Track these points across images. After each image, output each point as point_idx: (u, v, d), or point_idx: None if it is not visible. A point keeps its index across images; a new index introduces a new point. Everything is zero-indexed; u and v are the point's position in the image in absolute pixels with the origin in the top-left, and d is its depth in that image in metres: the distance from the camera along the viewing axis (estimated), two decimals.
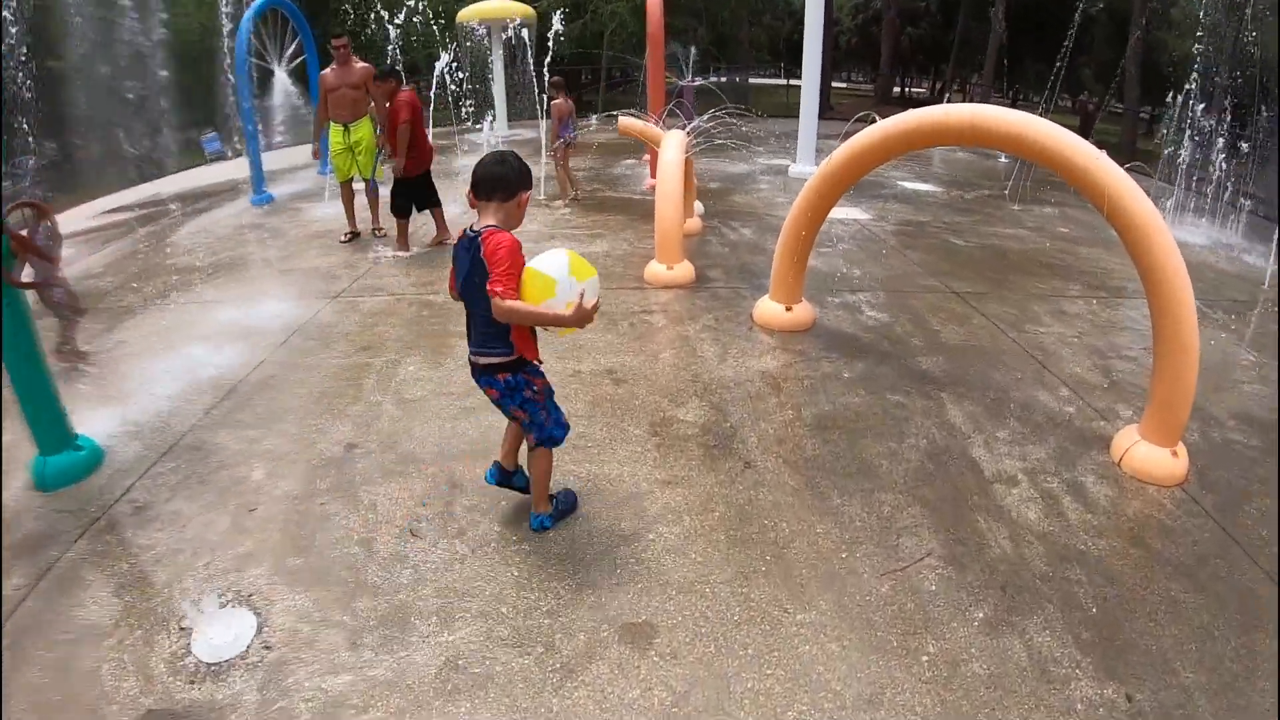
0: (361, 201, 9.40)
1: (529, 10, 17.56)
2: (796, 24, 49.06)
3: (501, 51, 17.78)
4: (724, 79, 31.99)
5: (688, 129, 8.20)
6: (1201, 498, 4.15)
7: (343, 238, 9.26)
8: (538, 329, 3.37)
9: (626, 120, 9.29)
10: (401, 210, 8.69)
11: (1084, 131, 22.42)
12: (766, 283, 6.35)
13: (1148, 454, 4.30)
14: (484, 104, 15.77)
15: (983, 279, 7.79)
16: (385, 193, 9.15)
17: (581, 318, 3.12)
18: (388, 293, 7.21)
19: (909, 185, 12.99)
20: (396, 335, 6.09)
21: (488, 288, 3.03)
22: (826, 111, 28.28)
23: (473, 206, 3.25)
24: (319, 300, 7.02)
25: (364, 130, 9.00)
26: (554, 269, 3.11)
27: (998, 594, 3.37)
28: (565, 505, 3.84)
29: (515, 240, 3.12)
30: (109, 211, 12.34)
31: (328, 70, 8.93)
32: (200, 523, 3.80)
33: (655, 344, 5.89)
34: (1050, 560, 3.59)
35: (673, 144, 7.22)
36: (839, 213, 9.68)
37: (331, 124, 8.99)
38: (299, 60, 14.19)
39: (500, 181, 3.18)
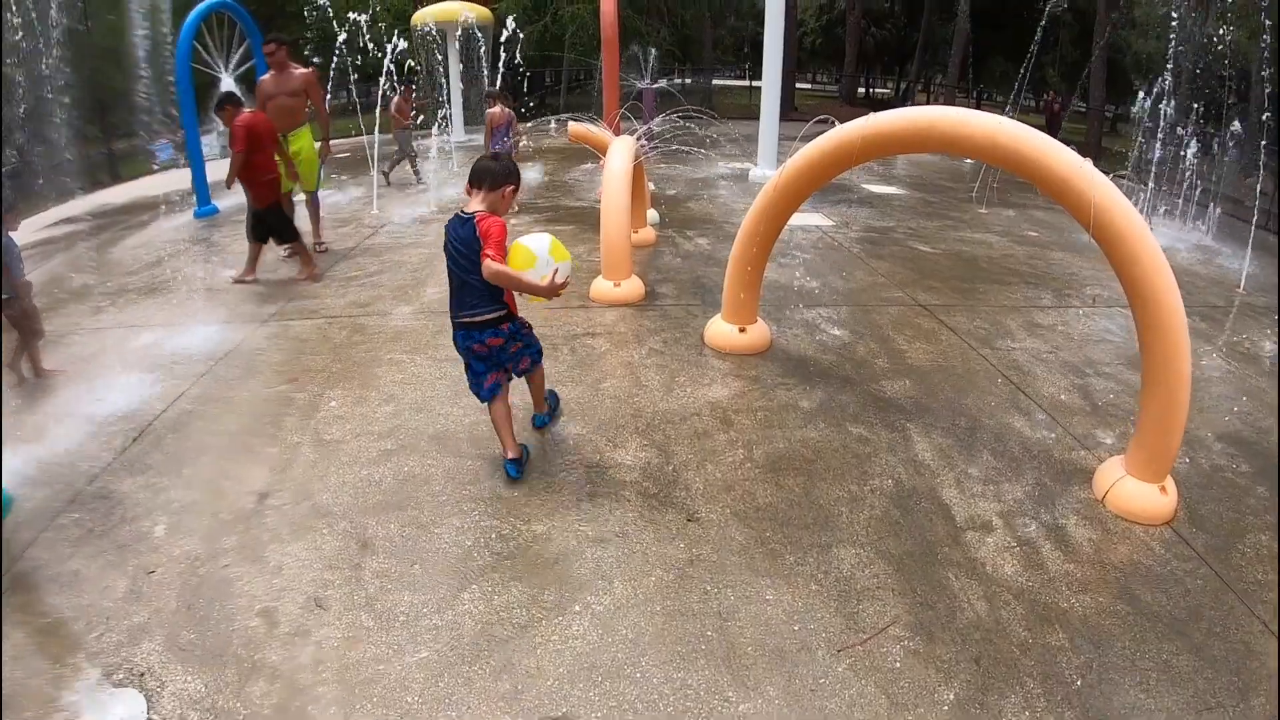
0: (303, 214, 8.86)
1: (485, 12, 17.07)
2: (761, 25, 48.94)
3: (457, 54, 17.27)
4: (687, 81, 31.69)
5: (639, 134, 7.74)
6: (1192, 538, 3.78)
7: (283, 253, 8.73)
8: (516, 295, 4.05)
9: (576, 126, 8.82)
10: (259, 236, 7.78)
11: (1051, 130, 22.19)
12: (721, 299, 5.89)
13: (1134, 492, 3.91)
14: (438, 108, 15.20)
15: (951, 290, 7.39)
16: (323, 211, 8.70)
17: (550, 290, 3.81)
18: (322, 315, 6.69)
19: (873, 188, 12.64)
20: (323, 365, 5.59)
21: (481, 254, 3.71)
22: (789, 113, 28.05)
23: (468, 194, 3.96)
24: (248, 324, 6.50)
25: (303, 140, 8.48)
26: (537, 247, 3.86)
27: (970, 668, 2.94)
28: (553, 401, 4.79)
29: (504, 222, 3.83)
30: (57, 223, 11.70)
31: (265, 77, 8.40)
32: (97, 587, 3.36)
33: (596, 372, 5.40)
34: (1029, 623, 3.18)
35: (619, 151, 6.75)
36: (799, 220, 9.29)
37: None
38: (249, 65, 13.59)
39: (487, 174, 3.92)
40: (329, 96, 11.74)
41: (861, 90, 45.27)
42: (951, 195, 12.45)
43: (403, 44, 11.54)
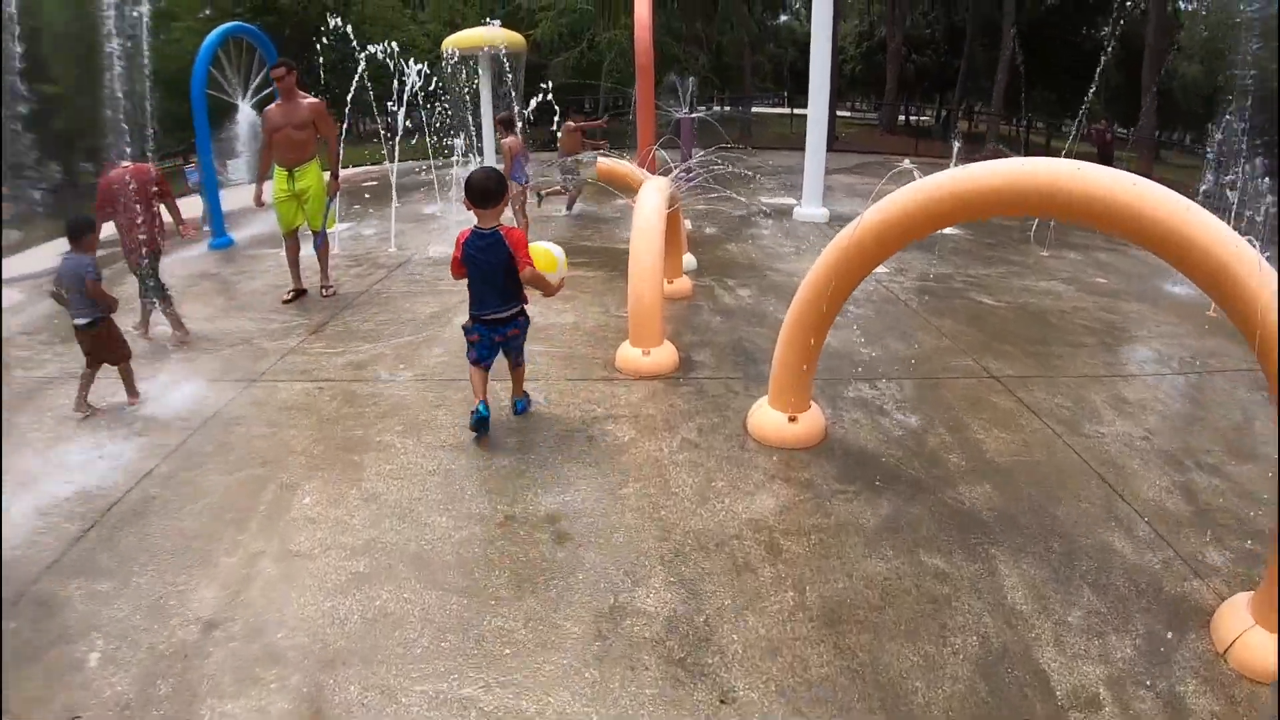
0: (309, 253, 8.13)
1: (517, 37, 16.37)
2: (800, 52, 48.16)
3: (489, 81, 16.57)
4: (725, 109, 30.81)
5: (674, 174, 6.90)
6: None
7: (285, 297, 8.00)
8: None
9: (605, 162, 8.00)
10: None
11: (1104, 162, 20.96)
12: (767, 370, 5.02)
13: (1264, 647, 2.97)
14: (467, 138, 14.48)
15: (1024, 354, 6.45)
16: (337, 247, 7.97)
17: (557, 289, 5.04)
18: (314, 377, 5.93)
19: None
20: (304, 446, 4.81)
21: (520, 263, 4.59)
22: (832, 143, 27.18)
23: (469, 209, 4.64)
24: (234, 386, 5.78)
25: (311, 176, 7.75)
26: (558, 254, 5.11)
27: None
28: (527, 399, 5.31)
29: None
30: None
31: (271, 106, 7.71)
32: None
33: (618, 472, 4.51)
34: None
35: (652, 196, 5.89)
36: None
37: (275, 168, 7.74)
38: (268, 92, 12.97)
39: (490, 194, 4.57)
40: (343, 125, 11.06)
41: (901, 118, 44.19)
42: (1006, 235, 11.47)
43: (416, 68, 10.78)
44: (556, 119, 12.38)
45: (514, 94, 13.09)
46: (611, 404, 5.37)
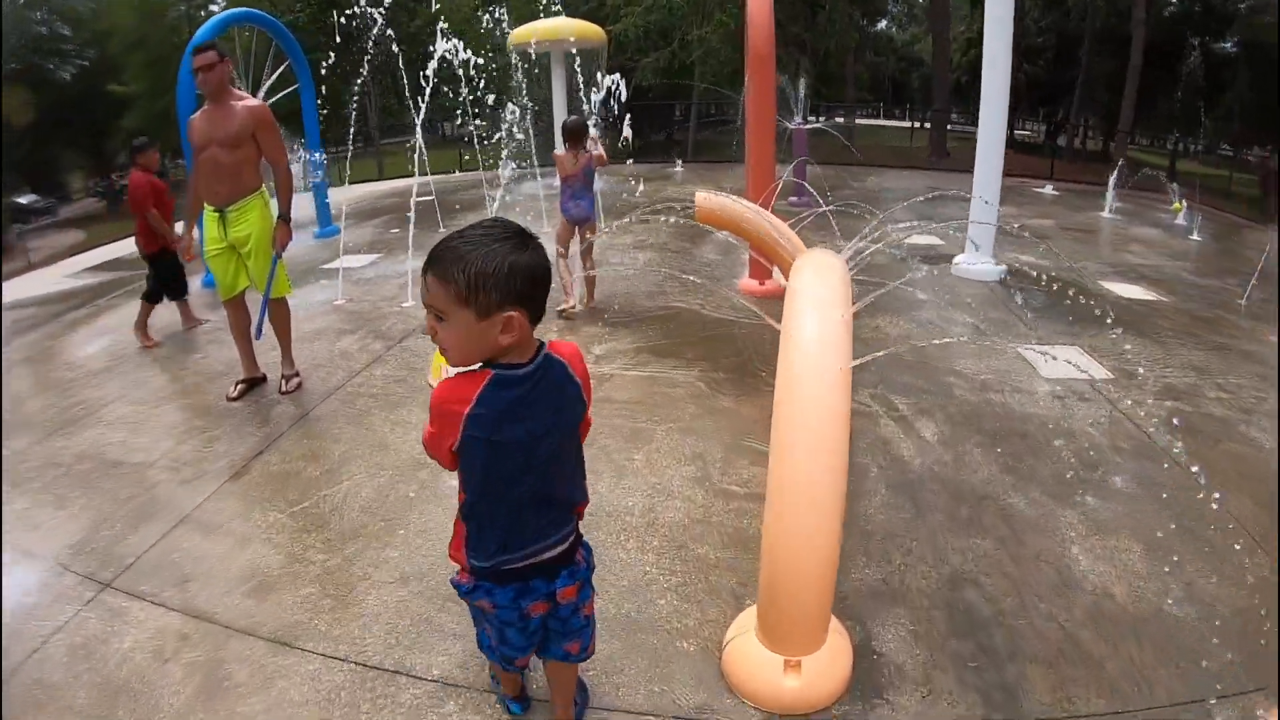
0: (257, 326, 5.35)
1: (597, 30, 13.45)
2: (900, 60, 44.36)
3: (563, 80, 13.69)
4: (837, 120, 27.21)
5: (848, 249, 3.87)
6: None
7: (231, 392, 5.23)
8: None
9: (712, 201, 5.01)
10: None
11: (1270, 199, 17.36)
12: (1020, 674, 2.56)
13: None
14: (536, 144, 11.53)
15: None
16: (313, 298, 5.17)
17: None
18: (183, 606, 3.16)
19: (1116, 289, 8.18)
20: None
21: (585, 422, 2.12)
22: (943, 159, 23.76)
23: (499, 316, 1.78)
24: (68, 606, 3.09)
25: (251, 218, 4.96)
26: None
27: None
28: (583, 700, 2.65)
29: None
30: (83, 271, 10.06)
31: (195, 115, 4.90)
32: None
33: None
34: None
35: (820, 310, 2.82)
36: (1058, 370, 5.36)
37: (205, 206, 4.97)
38: (290, 90, 10.28)
39: (543, 287, 1.86)
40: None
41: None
42: (1215, 298, 8.05)
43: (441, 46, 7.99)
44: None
45: (593, 97, 10.17)
46: None
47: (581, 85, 10.59)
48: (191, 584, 3.40)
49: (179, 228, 6.07)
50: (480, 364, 1.83)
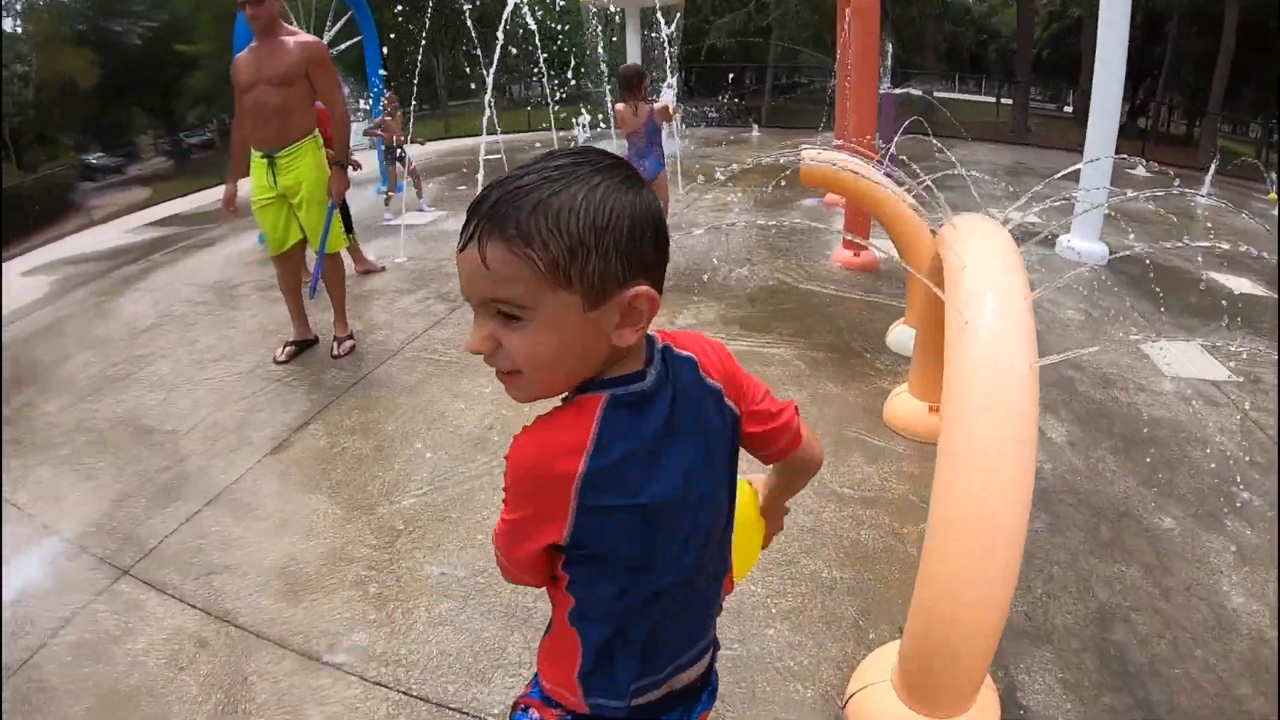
0: (312, 284, 4.87)
1: None
2: (979, 33, 42.62)
3: (637, 37, 13.01)
4: (911, 88, 26.09)
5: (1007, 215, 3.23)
6: None
7: (279, 354, 4.77)
8: None
9: (820, 161, 4.38)
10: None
11: None
12: None
13: None
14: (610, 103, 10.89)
15: None
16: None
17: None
18: (204, 603, 2.67)
19: (1225, 280, 7.19)
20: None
21: (777, 432, 1.25)
22: (1024, 134, 22.55)
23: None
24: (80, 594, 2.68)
25: (303, 165, 4.42)
26: None
27: None
28: None
29: None
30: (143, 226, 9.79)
31: (241, 53, 4.39)
32: None
33: None
34: None
35: (1003, 300, 2.20)
36: (1180, 368, 4.68)
37: (252, 153, 4.46)
38: (353, 42, 9.81)
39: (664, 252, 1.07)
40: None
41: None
42: None
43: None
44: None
45: (668, 53, 9.53)
46: None
47: (654, 42, 9.95)
48: (217, 577, 2.92)
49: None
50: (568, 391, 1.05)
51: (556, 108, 9.32)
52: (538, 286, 0.92)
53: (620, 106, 5.71)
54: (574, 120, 7.82)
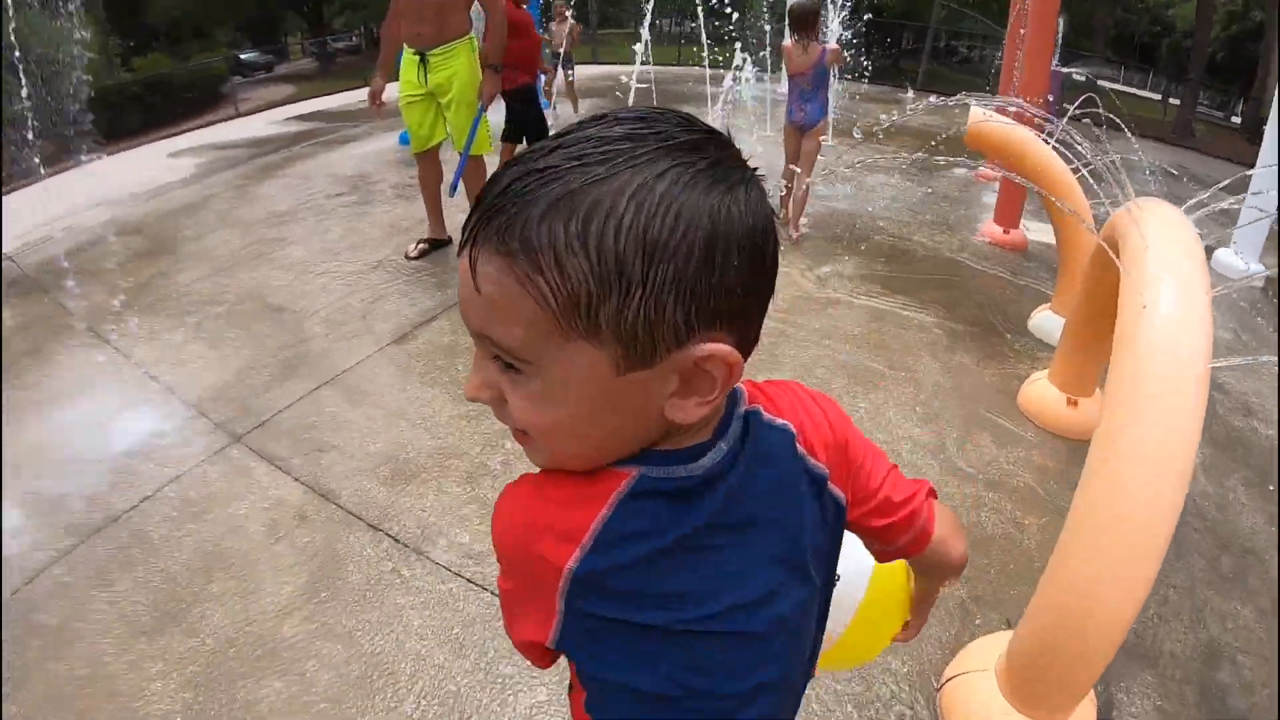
0: (453, 184, 4.89)
1: None
2: (1152, 23, 39.90)
3: None
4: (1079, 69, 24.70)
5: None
6: None
7: (411, 250, 4.80)
8: None
9: (989, 122, 4.13)
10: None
11: None
12: None
13: None
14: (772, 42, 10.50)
15: None
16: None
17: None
18: (327, 488, 2.69)
19: None
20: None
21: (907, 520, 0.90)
22: (1187, 138, 21.16)
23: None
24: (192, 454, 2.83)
25: (456, 64, 4.39)
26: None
27: None
28: None
29: None
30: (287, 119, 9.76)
31: None
32: None
33: None
34: None
35: (1182, 282, 2.00)
36: None
37: (404, 49, 4.45)
38: None
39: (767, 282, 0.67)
40: None
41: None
42: None
43: None
44: None
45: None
46: None
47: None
48: (325, 456, 2.94)
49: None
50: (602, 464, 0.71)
51: (711, 43, 9.01)
52: (547, 331, 0.61)
53: (788, 43, 5.42)
54: (729, 62, 7.52)
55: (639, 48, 6.63)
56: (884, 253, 5.50)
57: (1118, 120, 3.57)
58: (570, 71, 8.54)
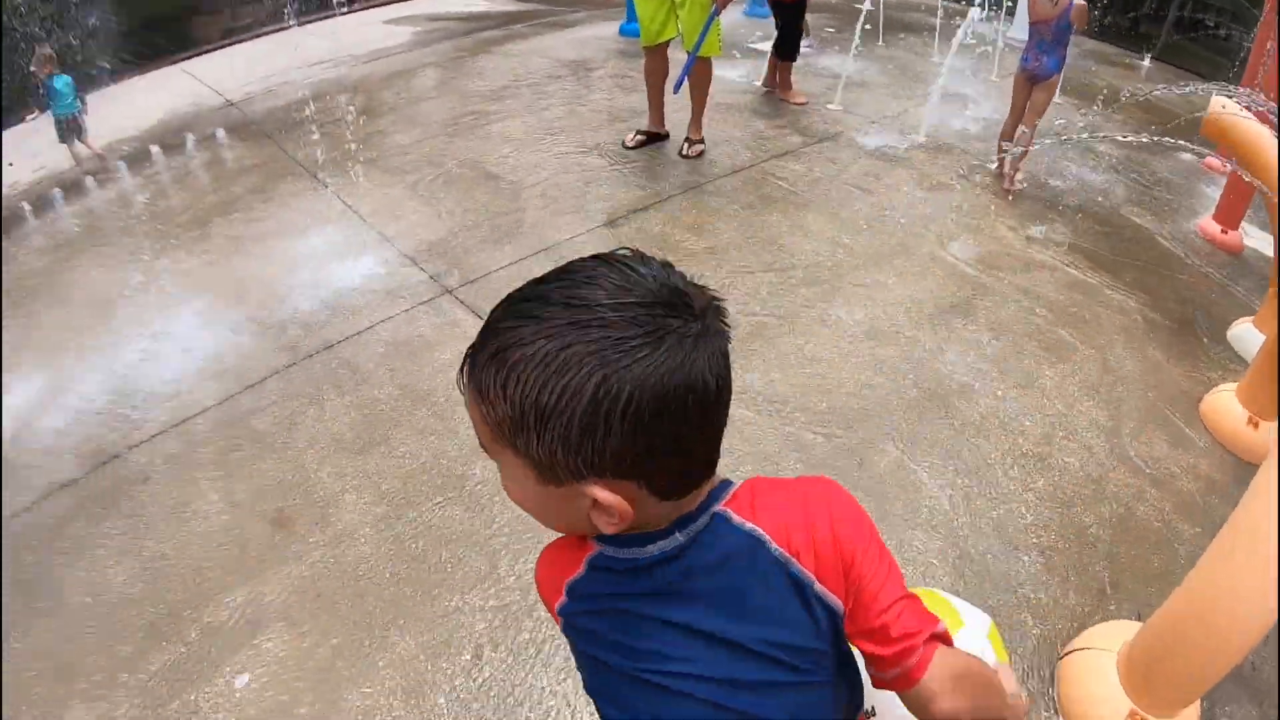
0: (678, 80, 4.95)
1: None
2: None
3: None
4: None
5: None
6: None
7: (629, 140, 4.95)
8: None
9: (1230, 115, 3.90)
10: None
11: None
12: None
13: None
14: None
15: None
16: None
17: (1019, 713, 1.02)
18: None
19: None
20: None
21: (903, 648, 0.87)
22: None
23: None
24: (404, 299, 3.17)
25: None
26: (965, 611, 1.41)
27: None
28: None
29: None
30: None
31: None
32: None
33: None
34: None
35: None
36: None
37: None
38: None
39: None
40: None
41: None
42: None
43: None
44: None
45: None
46: None
47: None
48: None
49: None
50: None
51: None
52: (493, 438, 0.76)
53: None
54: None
55: None
56: (1095, 226, 5.29)
57: None
58: None
